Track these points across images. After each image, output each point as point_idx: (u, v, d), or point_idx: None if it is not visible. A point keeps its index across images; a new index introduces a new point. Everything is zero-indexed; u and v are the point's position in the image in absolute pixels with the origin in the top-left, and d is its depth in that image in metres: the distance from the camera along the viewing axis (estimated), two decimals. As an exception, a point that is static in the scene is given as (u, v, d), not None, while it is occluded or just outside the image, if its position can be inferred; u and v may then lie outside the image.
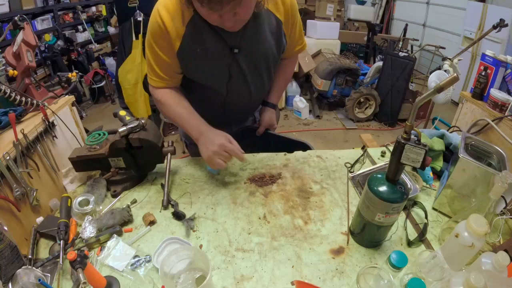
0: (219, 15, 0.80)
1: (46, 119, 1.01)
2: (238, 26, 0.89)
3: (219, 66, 1.01)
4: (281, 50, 1.08)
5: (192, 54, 0.96)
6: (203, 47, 0.95)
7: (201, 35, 0.93)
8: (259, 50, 1.02)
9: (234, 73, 1.03)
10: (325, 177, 1.10)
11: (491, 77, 1.23)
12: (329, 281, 0.75)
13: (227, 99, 1.10)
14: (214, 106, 1.14)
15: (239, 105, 1.17)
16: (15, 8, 3.54)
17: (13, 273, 0.69)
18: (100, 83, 4.04)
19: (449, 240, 0.76)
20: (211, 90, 1.07)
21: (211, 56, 0.97)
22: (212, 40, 0.95)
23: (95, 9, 4.97)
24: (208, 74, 1.02)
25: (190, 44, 0.94)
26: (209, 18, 0.84)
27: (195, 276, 0.72)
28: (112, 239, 0.82)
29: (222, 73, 1.02)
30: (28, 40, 1.62)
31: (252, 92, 1.11)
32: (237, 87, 1.07)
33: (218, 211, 0.95)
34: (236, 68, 1.02)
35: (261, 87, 1.17)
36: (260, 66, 1.07)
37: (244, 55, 1.00)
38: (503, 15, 2.80)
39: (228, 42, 0.96)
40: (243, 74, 1.04)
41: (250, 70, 1.05)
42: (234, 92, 1.08)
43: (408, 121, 0.66)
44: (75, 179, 1.05)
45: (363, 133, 1.62)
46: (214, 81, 1.05)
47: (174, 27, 0.91)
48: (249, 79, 1.06)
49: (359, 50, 5.40)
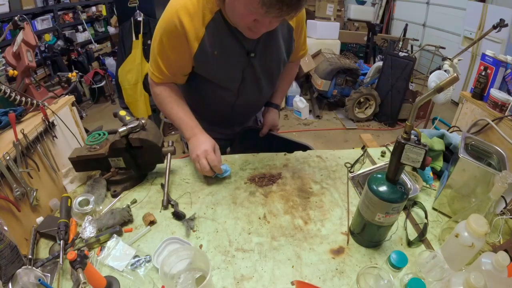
0: (257, 19, 0.80)
1: (46, 119, 1.01)
2: (259, 34, 0.90)
3: (235, 69, 1.01)
4: (289, 55, 1.12)
5: (209, 56, 0.95)
6: (221, 50, 0.95)
7: (220, 38, 0.93)
8: (272, 55, 1.04)
9: (248, 76, 1.04)
10: (325, 177, 1.10)
11: (491, 77, 1.23)
12: (329, 281, 0.75)
13: (237, 100, 1.12)
14: (223, 107, 1.15)
15: (247, 106, 1.19)
16: (15, 8, 3.54)
17: (13, 273, 0.69)
18: (100, 83, 4.04)
19: (449, 240, 0.76)
20: (223, 91, 1.07)
21: (228, 59, 0.97)
22: (231, 44, 0.95)
23: (95, 9, 4.97)
24: (223, 76, 1.02)
25: (208, 47, 0.93)
26: (244, 19, 0.82)
27: (195, 276, 0.72)
28: (112, 239, 0.82)
29: (236, 75, 1.03)
30: (28, 40, 1.62)
31: (261, 95, 1.15)
32: (248, 89, 1.08)
33: (218, 211, 0.95)
34: (250, 71, 1.03)
35: (270, 90, 1.20)
36: (273, 71, 1.10)
37: (259, 59, 1.02)
38: (503, 15, 2.80)
39: (245, 46, 0.97)
40: (257, 77, 1.06)
41: (264, 74, 1.07)
42: (245, 94, 1.10)
43: (408, 121, 0.66)
44: (75, 179, 1.05)
45: (363, 133, 1.62)
46: (228, 83, 1.05)
47: (193, 28, 0.89)
48: (261, 82, 1.09)
49: (359, 50, 5.41)
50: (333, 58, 3.88)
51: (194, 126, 1.05)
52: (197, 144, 1.01)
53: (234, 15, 0.85)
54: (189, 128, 1.04)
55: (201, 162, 0.99)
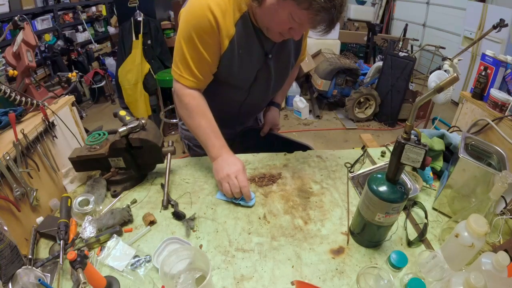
0: (293, 28, 0.84)
1: (46, 119, 1.01)
2: (286, 38, 0.92)
3: (252, 69, 1.02)
4: (297, 58, 1.14)
5: (234, 55, 0.94)
6: (245, 50, 0.94)
7: (246, 37, 0.93)
8: (285, 57, 1.06)
9: (261, 76, 1.05)
10: (325, 177, 1.10)
11: (491, 77, 1.23)
12: (329, 281, 0.75)
13: (246, 99, 1.12)
14: (230, 106, 1.15)
15: (253, 106, 1.20)
16: (15, 8, 3.55)
17: (13, 273, 0.69)
18: (100, 83, 4.04)
19: (449, 240, 0.76)
20: (234, 90, 1.07)
21: (250, 59, 0.98)
22: (255, 44, 0.96)
23: (95, 9, 4.97)
24: (240, 76, 1.01)
25: (236, 46, 0.92)
26: (282, 26, 0.85)
27: (195, 276, 0.72)
28: (112, 239, 0.82)
29: (251, 75, 1.03)
30: (28, 40, 1.61)
31: (268, 95, 1.17)
32: (258, 89, 1.09)
33: (218, 211, 0.95)
34: (264, 72, 1.04)
35: (276, 91, 1.22)
36: (283, 72, 1.12)
37: (274, 61, 1.03)
38: (503, 15, 2.80)
39: (265, 48, 0.98)
40: (269, 78, 1.07)
41: (275, 75, 1.08)
42: (254, 94, 1.10)
43: (408, 121, 0.66)
44: (75, 179, 1.05)
45: (363, 133, 1.62)
46: (241, 82, 1.05)
47: (225, 25, 0.88)
48: (271, 83, 1.10)
49: (359, 50, 5.41)
50: (333, 58, 3.88)
51: (222, 146, 0.99)
52: (227, 164, 0.96)
53: (271, 20, 0.86)
54: (217, 147, 0.98)
55: (231, 181, 0.92)
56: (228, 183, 0.93)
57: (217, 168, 0.97)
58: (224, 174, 0.94)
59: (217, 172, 0.97)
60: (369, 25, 5.41)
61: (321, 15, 0.76)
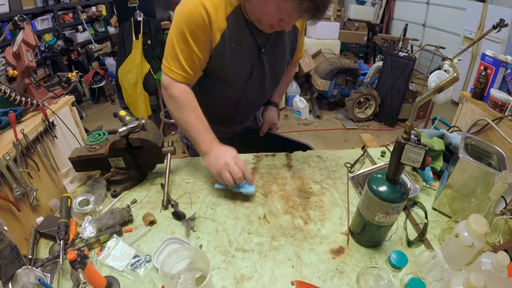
0: (283, 19, 0.84)
1: (46, 119, 1.01)
2: (278, 29, 0.92)
3: (246, 64, 1.01)
4: (293, 55, 1.14)
5: (226, 49, 0.94)
6: (237, 44, 0.94)
7: (238, 31, 0.93)
8: (279, 53, 1.06)
9: (255, 72, 1.04)
10: (325, 177, 1.10)
11: (491, 77, 1.23)
12: (329, 281, 0.75)
13: (243, 96, 1.11)
14: (227, 104, 1.15)
15: (250, 104, 1.20)
16: (15, 8, 3.54)
17: (13, 273, 0.69)
18: (100, 83, 4.04)
19: (449, 240, 0.76)
20: (229, 87, 1.07)
21: (242, 53, 0.97)
22: (247, 38, 0.96)
23: (95, 9, 4.97)
24: (234, 71, 1.01)
25: (227, 40, 0.93)
26: (271, 19, 0.85)
27: (195, 276, 0.72)
28: (112, 239, 0.82)
29: (246, 71, 1.03)
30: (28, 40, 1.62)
31: (265, 92, 1.15)
32: (254, 85, 1.09)
33: (218, 211, 0.95)
34: (259, 67, 1.04)
35: (272, 89, 1.22)
36: (278, 69, 1.11)
37: (268, 56, 1.03)
38: (503, 15, 2.80)
39: (258, 42, 0.98)
40: (264, 73, 1.07)
41: (270, 71, 1.08)
42: (250, 90, 1.10)
43: (408, 121, 0.66)
44: (75, 179, 1.05)
45: (363, 133, 1.62)
46: (236, 78, 1.04)
47: (217, 20, 0.88)
48: (267, 79, 1.09)
49: (359, 50, 5.40)
50: (333, 58, 3.89)
51: (213, 140, 0.98)
52: (221, 153, 0.94)
53: (260, 13, 0.86)
54: (207, 142, 0.97)
55: (232, 169, 0.90)
56: (228, 171, 0.91)
57: (211, 161, 0.95)
58: (222, 163, 0.92)
59: (212, 165, 0.95)
60: (369, 25, 5.41)
61: (306, 3, 0.77)
